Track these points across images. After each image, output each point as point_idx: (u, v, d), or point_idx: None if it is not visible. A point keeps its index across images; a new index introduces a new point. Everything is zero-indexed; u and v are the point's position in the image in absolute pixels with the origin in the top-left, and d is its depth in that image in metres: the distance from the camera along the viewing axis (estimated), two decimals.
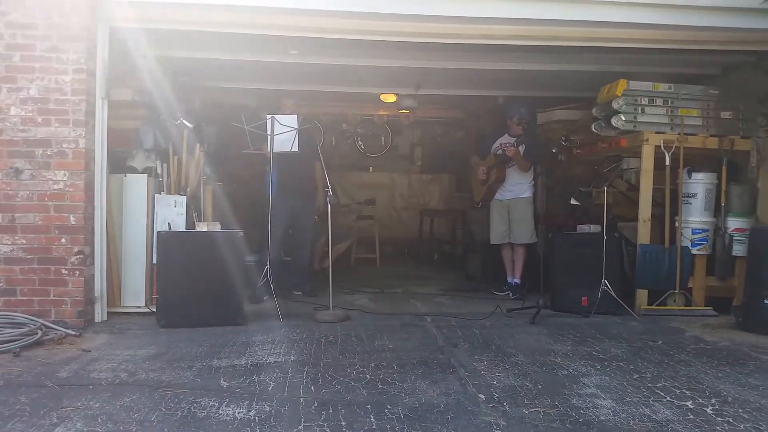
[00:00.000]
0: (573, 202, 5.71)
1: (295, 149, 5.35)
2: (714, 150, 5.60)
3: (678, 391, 3.32)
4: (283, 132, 5.29)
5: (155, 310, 4.82)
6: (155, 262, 4.92)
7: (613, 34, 5.24)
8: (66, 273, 4.56)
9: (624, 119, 5.58)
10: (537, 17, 4.94)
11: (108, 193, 4.93)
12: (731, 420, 2.92)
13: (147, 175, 5.19)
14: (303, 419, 2.83)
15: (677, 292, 5.44)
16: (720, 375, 3.64)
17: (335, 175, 8.05)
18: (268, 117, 5.31)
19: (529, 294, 5.79)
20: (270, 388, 3.30)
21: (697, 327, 4.95)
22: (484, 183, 6.39)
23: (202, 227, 5.00)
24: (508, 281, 6.35)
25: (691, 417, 2.95)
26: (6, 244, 4.53)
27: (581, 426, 2.83)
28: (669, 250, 5.48)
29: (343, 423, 2.80)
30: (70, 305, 4.56)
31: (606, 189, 5.47)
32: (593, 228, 5.55)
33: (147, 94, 5.35)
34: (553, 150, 5.94)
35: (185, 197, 5.22)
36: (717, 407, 3.08)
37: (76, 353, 3.94)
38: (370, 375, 3.53)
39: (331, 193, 5.30)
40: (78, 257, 4.58)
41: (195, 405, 3.02)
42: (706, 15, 5.02)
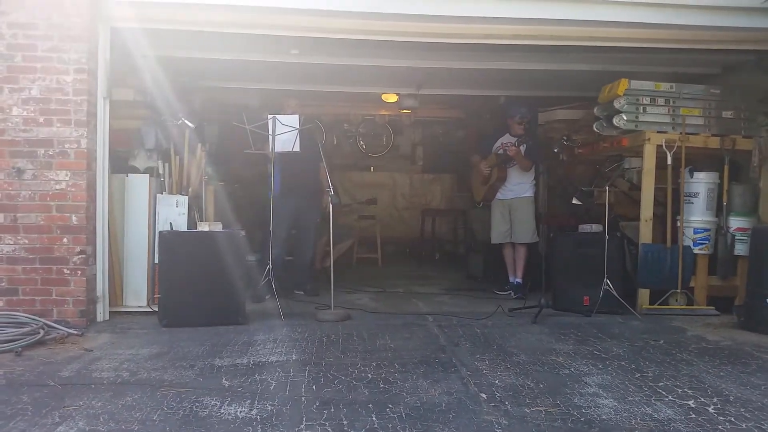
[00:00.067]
0: (575, 201, 5.72)
1: (297, 149, 5.36)
2: (716, 149, 5.60)
3: (680, 391, 3.32)
4: (285, 132, 5.30)
5: (157, 309, 4.83)
6: (157, 261, 4.92)
7: (615, 33, 5.24)
8: (68, 272, 4.57)
9: (625, 119, 5.58)
10: (539, 17, 4.95)
11: (110, 193, 4.94)
12: (733, 419, 2.91)
13: (149, 175, 5.19)
14: (305, 418, 2.83)
15: (679, 291, 5.44)
16: (722, 374, 3.64)
17: (337, 175, 8.07)
18: (269, 117, 5.32)
19: (531, 293, 5.80)
20: (272, 387, 3.30)
21: (699, 326, 4.95)
22: (485, 181, 6.39)
23: (203, 227, 4.99)
24: (509, 281, 6.34)
25: (693, 416, 2.95)
26: (8, 243, 4.54)
27: (583, 425, 2.83)
28: (671, 249, 5.48)
29: (345, 422, 2.80)
30: (72, 305, 4.56)
31: (608, 188, 5.48)
32: (595, 227, 5.55)
33: (148, 94, 5.36)
34: (555, 149, 5.96)
35: (187, 197, 5.22)
36: (719, 406, 3.07)
37: (78, 353, 3.95)
38: (371, 374, 3.53)
39: (333, 193, 5.30)
40: (80, 257, 4.59)
41: (197, 404, 3.02)
42: (707, 14, 5.03)
